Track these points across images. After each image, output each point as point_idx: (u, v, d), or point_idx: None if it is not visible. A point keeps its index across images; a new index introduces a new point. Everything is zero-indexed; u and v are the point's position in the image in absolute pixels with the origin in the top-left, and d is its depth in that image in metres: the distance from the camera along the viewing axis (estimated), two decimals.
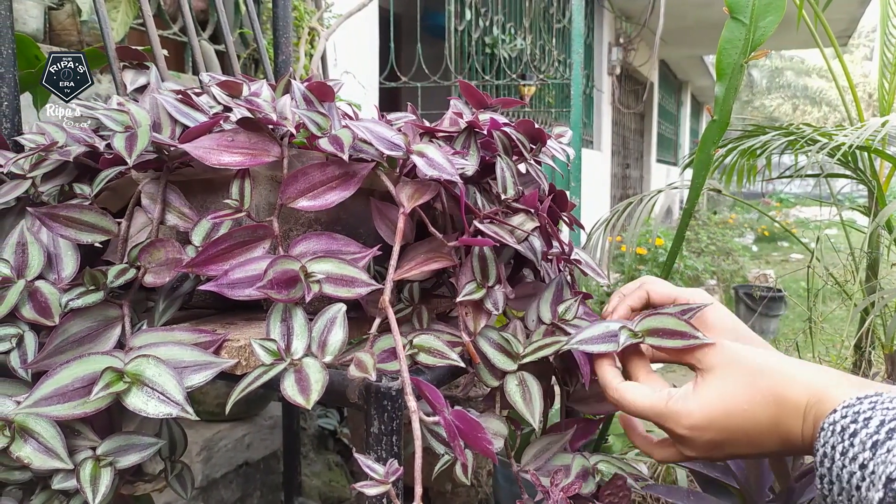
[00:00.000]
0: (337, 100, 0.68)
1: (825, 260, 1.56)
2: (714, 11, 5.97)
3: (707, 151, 0.84)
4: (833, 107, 16.28)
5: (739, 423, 0.45)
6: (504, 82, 3.99)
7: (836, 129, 1.30)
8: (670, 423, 0.47)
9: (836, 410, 0.40)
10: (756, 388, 0.45)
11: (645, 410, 0.49)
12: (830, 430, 0.40)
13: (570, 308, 0.62)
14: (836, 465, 0.39)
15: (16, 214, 0.66)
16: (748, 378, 0.45)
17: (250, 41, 1.95)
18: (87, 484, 0.49)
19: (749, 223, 8.14)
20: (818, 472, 0.40)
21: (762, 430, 0.45)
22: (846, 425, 0.39)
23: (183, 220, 0.60)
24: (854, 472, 0.37)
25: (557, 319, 0.62)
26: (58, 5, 1.48)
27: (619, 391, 0.51)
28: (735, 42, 0.79)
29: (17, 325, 0.56)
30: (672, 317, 0.51)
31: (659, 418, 0.48)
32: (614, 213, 1.49)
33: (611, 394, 0.52)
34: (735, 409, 0.45)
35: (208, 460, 1.32)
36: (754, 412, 0.44)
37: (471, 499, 1.43)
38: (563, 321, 0.62)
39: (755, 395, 0.45)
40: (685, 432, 0.47)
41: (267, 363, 0.51)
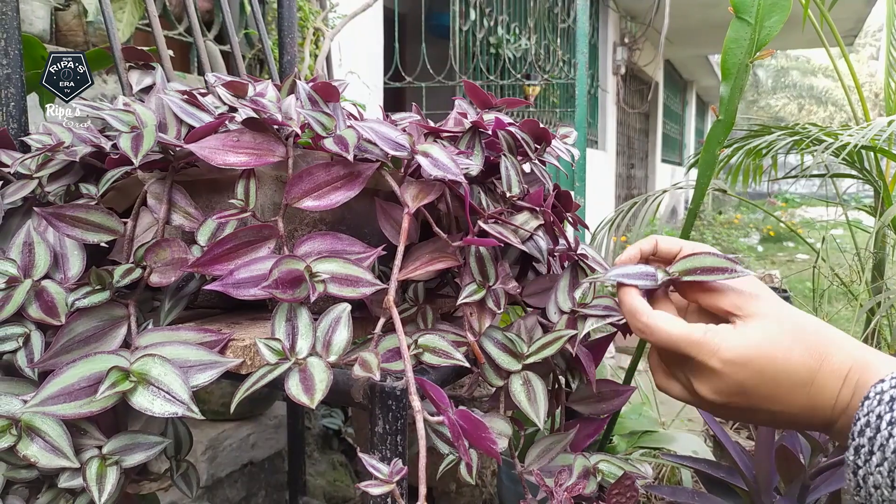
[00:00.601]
0: (342, 100, 0.68)
1: (831, 260, 1.56)
2: (719, 11, 5.95)
3: (712, 151, 0.84)
4: (839, 106, 16.22)
5: (778, 368, 0.43)
6: (508, 82, 3.99)
7: (842, 128, 1.30)
8: (705, 353, 0.45)
9: (885, 380, 0.39)
10: (801, 340, 0.43)
11: (679, 337, 0.46)
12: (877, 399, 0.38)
13: (587, 292, 0.62)
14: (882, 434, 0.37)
15: (22, 214, 0.67)
16: (793, 330, 0.44)
17: (255, 42, 1.95)
18: (93, 482, 0.50)
19: (754, 223, 8.12)
20: (854, 442, 0.39)
21: (796, 382, 0.43)
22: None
23: (188, 220, 0.61)
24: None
25: (577, 305, 0.62)
26: (64, 6, 1.49)
27: (651, 317, 0.47)
28: (740, 42, 0.78)
29: (23, 324, 0.56)
30: (710, 255, 0.49)
31: (693, 347, 0.45)
32: (619, 213, 1.49)
33: (641, 320, 0.48)
34: (777, 354, 0.43)
35: (213, 459, 1.32)
36: (794, 361, 0.43)
37: (475, 499, 1.43)
38: (582, 306, 0.61)
39: (799, 346, 0.43)
40: (719, 366, 0.44)
41: (272, 362, 0.51)
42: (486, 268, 0.61)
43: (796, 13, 1.06)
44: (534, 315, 0.64)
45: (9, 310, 0.55)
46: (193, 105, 0.64)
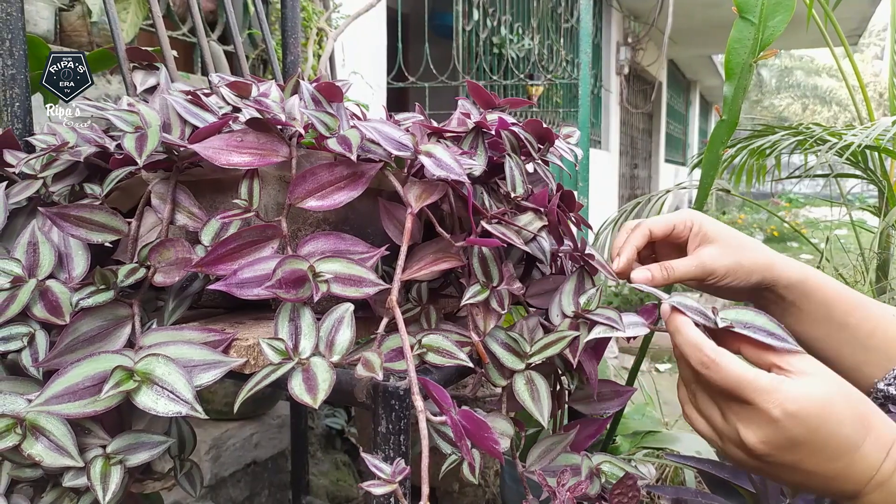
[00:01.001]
0: (345, 100, 0.68)
1: (835, 260, 1.55)
2: (723, 11, 5.94)
3: (716, 151, 0.84)
4: (843, 106, 16.17)
5: (831, 430, 0.43)
6: (512, 82, 3.99)
7: (846, 128, 1.30)
8: (769, 401, 0.44)
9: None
10: (852, 407, 0.44)
11: (744, 380, 0.45)
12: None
13: (592, 299, 0.61)
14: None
15: (27, 214, 0.67)
16: (846, 395, 0.44)
17: (259, 42, 1.96)
18: (98, 482, 0.50)
19: (758, 223, 8.10)
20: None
21: (843, 447, 0.43)
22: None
23: (192, 220, 0.61)
24: None
25: (580, 310, 0.61)
26: (68, 6, 1.50)
27: (717, 353, 0.46)
28: (744, 42, 0.78)
29: (28, 323, 0.56)
30: (762, 315, 0.49)
31: (757, 393, 0.44)
32: (622, 213, 1.49)
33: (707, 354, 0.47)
34: (832, 413, 0.43)
35: (217, 459, 1.33)
36: (846, 426, 0.43)
37: (478, 499, 1.43)
38: (585, 311, 0.60)
39: (851, 412, 0.44)
40: (780, 415, 0.43)
41: (275, 362, 0.51)
42: (490, 268, 0.61)
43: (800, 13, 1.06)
44: (536, 316, 0.64)
45: (13, 309, 0.55)
46: (197, 105, 0.64)
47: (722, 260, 0.58)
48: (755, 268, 0.58)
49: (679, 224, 0.61)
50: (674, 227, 0.61)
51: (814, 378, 0.45)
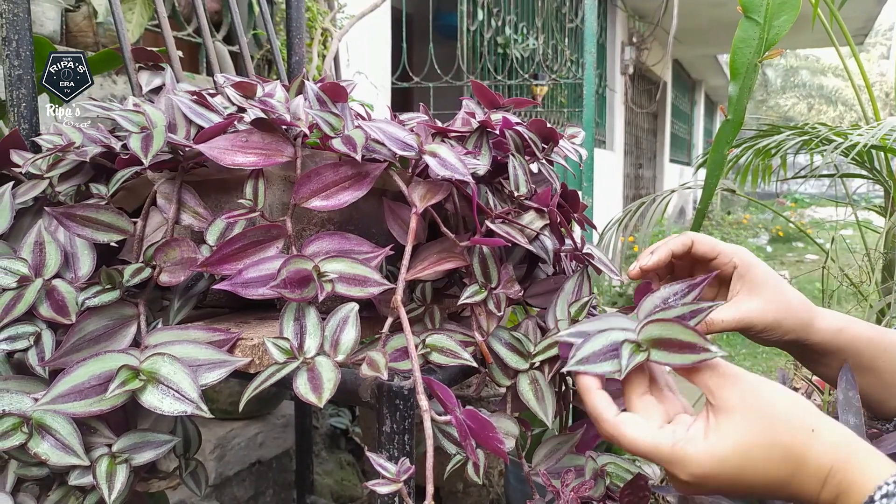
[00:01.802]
0: (349, 100, 0.69)
1: (840, 261, 1.55)
2: (728, 10, 5.93)
3: (721, 151, 0.84)
4: (849, 106, 16.12)
5: (750, 478, 0.42)
6: (516, 82, 3.99)
7: (852, 128, 1.29)
8: (675, 468, 0.43)
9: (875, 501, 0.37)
10: (776, 443, 0.41)
11: (647, 451, 0.43)
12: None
13: (583, 308, 0.62)
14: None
15: (33, 214, 0.67)
16: (768, 429, 0.41)
17: (263, 42, 1.96)
18: (103, 480, 0.50)
19: (763, 223, 8.07)
20: None
21: (773, 486, 0.42)
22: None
23: (198, 220, 0.61)
24: None
25: (569, 319, 0.62)
26: (74, 7, 1.50)
27: (616, 426, 0.45)
28: (749, 41, 0.78)
29: (34, 323, 0.57)
30: (678, 324, 0.45)
31: (663, 462, 0.43)
32: (627, 213, 1.49)
33: (605, 428, 0.45)
34: (749, 465, 0.41)
35: (221, 458, 1.33)
36: (769, 469, 0.41)
37: (482, 499, 1.43)
38: (574, 322, 0.61)
39: (774, 451, 0.41)
40: (689, 479, 0.42)
41: (280, 361, 0.51)
42: (490, 269, 0.61)
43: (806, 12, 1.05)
44: (534, 318, 0.64)
45: (20, 309, 0.56)
46: (203, 106, 0.64)
47: (763, 317, 0.57)
48: (793, 328, 0.57)
49: (724, 255, 0.59)
50: (718, 254, 0.60)
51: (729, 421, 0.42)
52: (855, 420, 0.54)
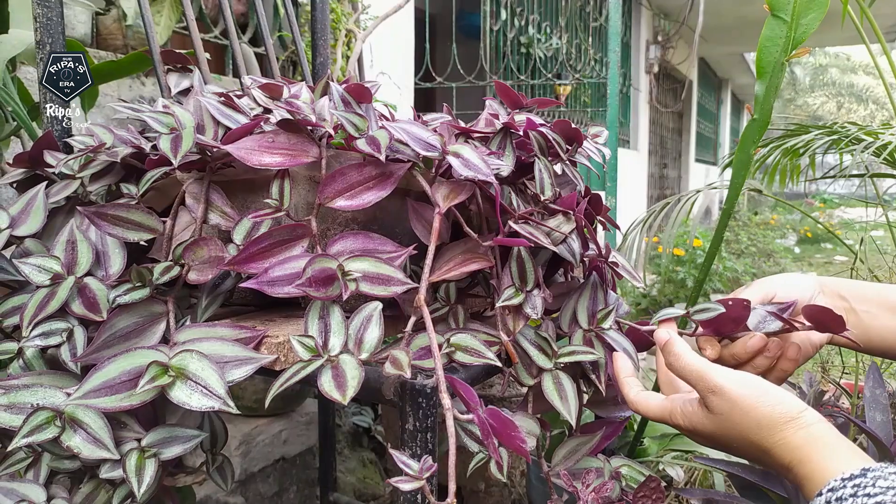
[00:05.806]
0: (373, 101, 0.69)
1: (870, 262, 1.52)
2: (754, 8, 5.84)
3: (747, 151, 0.83)
4: (880, 104, 15.78)
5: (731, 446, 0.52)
6: (539, 82, 3.97)
7: (883, 127, 1.27)
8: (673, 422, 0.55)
9: (822, 494, 0.44)
10: (747, 440, 0.51)
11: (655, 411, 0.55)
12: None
13: (609, 317, 0.64)
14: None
15: (66, 213, 0.69)
16: (743, 431, 0.51)
17: (288, 44, 1.98)
18: (133, 474, 0.51)
19: (791, 224, 7.94)
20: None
21: (751, 458, 0.52)
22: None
23: (225, 219, 0.62)
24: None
25: (595, 326, 0.63)
26: (104, 11, 1.53)
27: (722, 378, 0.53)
28: (776, 40, 0.77)
29: (67, 319, 0.58)
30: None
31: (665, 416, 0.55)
32: (651, 214, 1.48)
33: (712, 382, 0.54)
34: (727, 441, 0.52)
35: (247, 454, 1.35)
36: (743, 449, 0.52)
37: (504, 498, 1.43)
38: (599, 329, 0.63)
39: (745, 442, 0.51)
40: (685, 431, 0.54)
41: (305, 359, 0.52)
42: (526, 271, 0.60)
43: (835, 9, 1.04)
44: (551, 321, 0.65)
45: (53, 306, 0.57)
46: (230, 107, 0.65)
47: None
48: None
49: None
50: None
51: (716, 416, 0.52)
52: (882, 417, 0.55)
